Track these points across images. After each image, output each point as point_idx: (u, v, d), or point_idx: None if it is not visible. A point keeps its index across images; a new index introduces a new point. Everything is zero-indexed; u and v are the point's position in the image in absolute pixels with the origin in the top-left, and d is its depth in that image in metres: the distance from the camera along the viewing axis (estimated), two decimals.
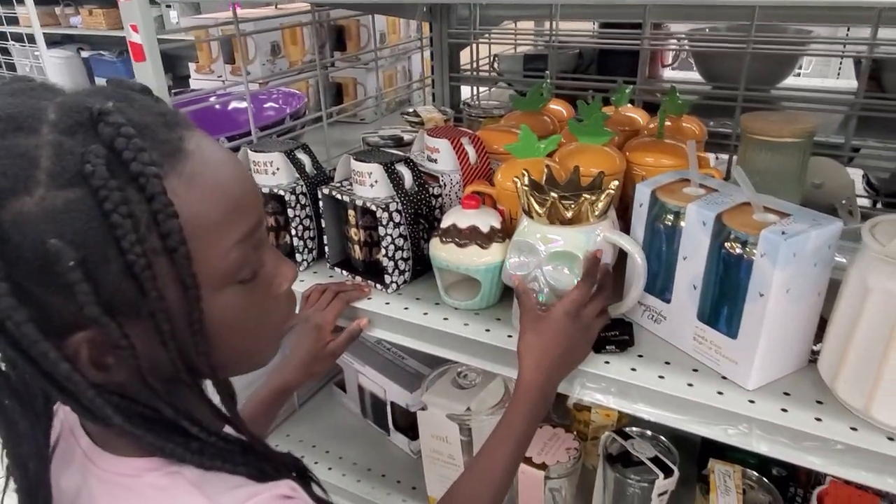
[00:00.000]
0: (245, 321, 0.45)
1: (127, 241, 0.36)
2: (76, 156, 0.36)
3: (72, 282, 0.36)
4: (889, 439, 0.56)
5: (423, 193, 0.82)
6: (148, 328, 0.39)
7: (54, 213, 0.35)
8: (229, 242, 0.42)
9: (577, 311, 0.65)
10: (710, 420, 0.62)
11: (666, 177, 0.71)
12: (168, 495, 0.44)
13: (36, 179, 0.35)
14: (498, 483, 0.64)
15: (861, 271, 0.55)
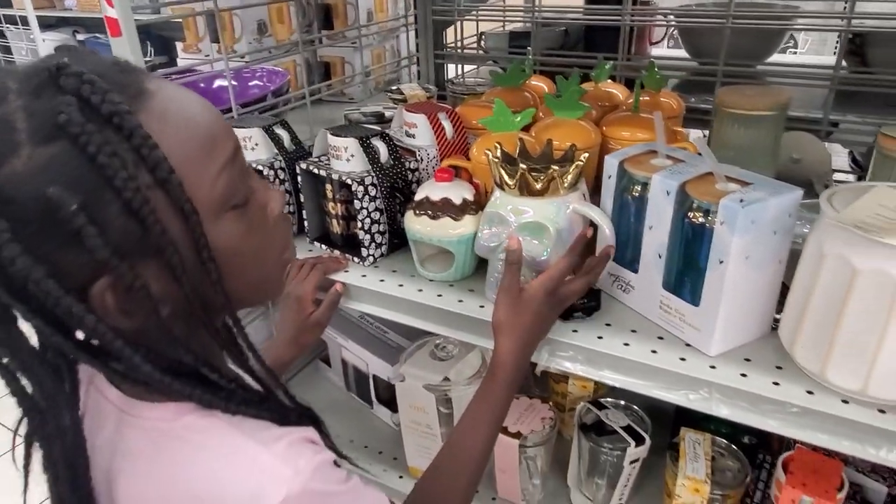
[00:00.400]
0: (247, 247, 0.47)
1: (119, 180, 0.38)
2: (48, 111, 0.37)
3: (78, 227, 0.37)
4: (844, 402, 0.57)
5: (399, 167, 0.83)
6: (160, 266, 0.41)
7: (44, 167, 0.37)
8: (215, 169, 0.44)
9: (556, 289, 0.65)
10: (673, 385, 0.63)
11: (634, 149, 0.71)
12: (207, 435, 0.46)
13: (17, 141, 0.37)
14: (478, 455, 0.65)
15: (818, 238, 0.56)
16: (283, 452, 0.45)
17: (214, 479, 0.45)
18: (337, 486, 0.48)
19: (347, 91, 1.56)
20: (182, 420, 0.46)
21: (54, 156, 0.37)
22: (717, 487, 0.78)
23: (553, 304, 0.65)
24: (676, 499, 0.79)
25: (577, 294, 0.67)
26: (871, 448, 0.56)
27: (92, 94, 0.38)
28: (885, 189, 0.55)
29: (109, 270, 0.40)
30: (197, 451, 0.46)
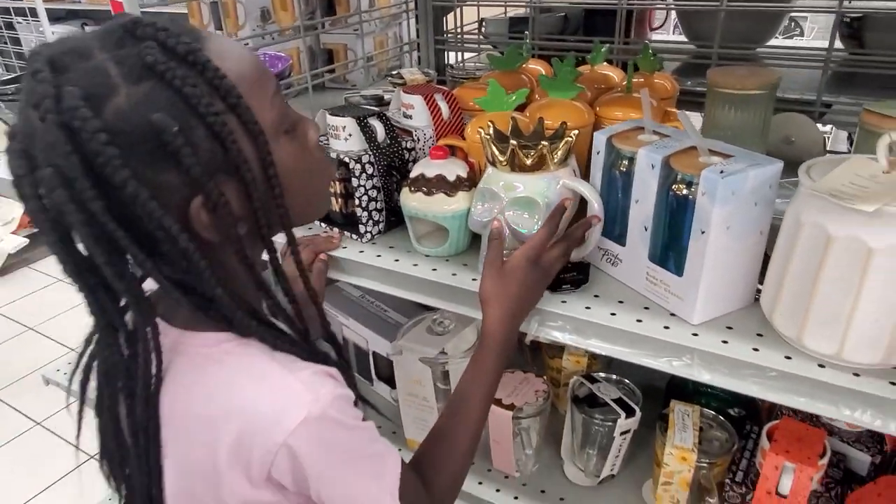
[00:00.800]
0: (299, 168, 0.55)
1: (202, 107, 0.45)
2: (134, 56, 0.45)
3: (177, 147, 0.44)
4: (820, 366, 0.59)
5: (396, 146, 0.86)
6: (237, 184, 0.49)
7: (142, 101, 0.44)
8: (268, 96, 0.51)
9: (537, 257, 0.67)
10: (657, 353, 0.65)
11: (622, 125, 0.73)
12: (243, 359, 0.53)
13: (115, 84, 0.44)
14: (473, 422, 0.68)
15: (796, 208, 0.58)
16: (307, 379, 0.51)
17: (245, 397, 0.51)
18: (353, 420, 0.54)
19: (350, 77, 1.58)
20: (221, 346, 0.53)
21: (147, 91, 0.45)
22: (705, 456, 0.81)
23: (537, 272, 0.67)
24: (665, 467, 0.81)
25: (558, 259, 0.69)
26: (846, 410, 0.58)
27: (168, 39, 0.45)
28: (861, 159, 0.57)
29: (200, 189, 0.47)
30: (232, 373, 0.52)
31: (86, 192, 0.43)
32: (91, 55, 0.45)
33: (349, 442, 0.54)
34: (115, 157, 0.43)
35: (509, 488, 0.94)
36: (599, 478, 0.91)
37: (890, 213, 0.51)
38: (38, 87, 0.43)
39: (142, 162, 0.45)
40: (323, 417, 0.50)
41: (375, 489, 0.55)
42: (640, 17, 1.58)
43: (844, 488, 0.76)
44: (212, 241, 0.50)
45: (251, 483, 0.51)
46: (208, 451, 0.51)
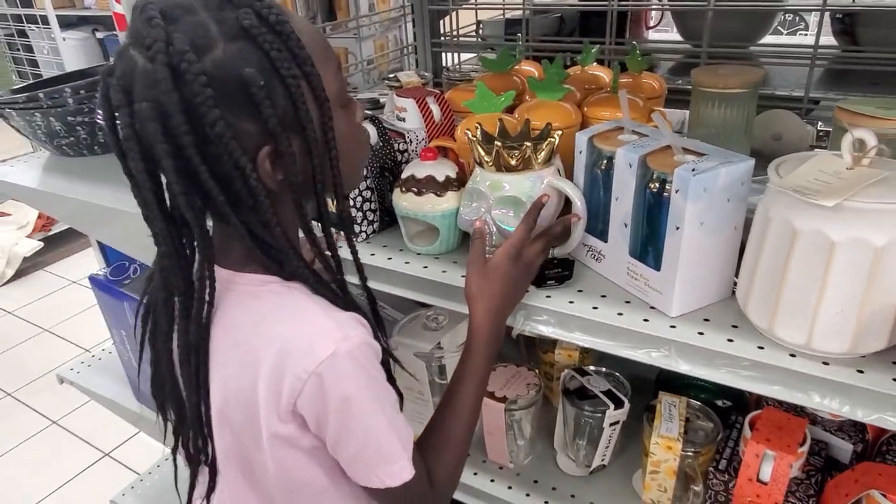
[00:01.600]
0: (350, 138, 0.61)
1: (284, 69, 0.52)
2: (231, 19, 0.51)
3: (260, 99, 0.51)
4: (791, 356, 0.62)
5: (388, 148, 0.89)
6: (301, 142, 0.55)
7: (236, 56, 0.51)
8: (333, 70, 0.58)
9: (518, 253, 0.70)
10: (637, 344, 0.68)
11: (604, 126, 0.76)
12: (285, 297, 0.59)
13: (214, 38, 0.51)
14: (465, 417, 0.70)
15: (766, 204, 0.61)
16: (340, 320, 0.57)
17: (283, 328, 0.57)
18: (374, 369, 0.59)
19: (351, 81, 1.62)
20: (267, 286, 0.59)
21: (241, 49, 0.51)
22: (690, 446, 0.83)
23: (518, 267, 0.70)
24: (652, 456, 0.84)
25: (538, 254, 0.72)
26: (817, 397, 0.60)
27: (262, 9, 0.52)
28: (826, 156, 0.60)
29: (271, 139, 0.53)
30: (274, 307, 0.59)
31: (180, 127, 0.50)
32: (196, 12, 0.51)
33: (372, 389, 0.58)
34: (210, 98, 0.49)
35: (503, 478, 0.96)
36: (591, 468, 0.93)
37: (850, 207, 0.53)
38: (153, 31, 0.49)
39: (229, 107, 0.51)
40: (349, 356, 0.55)
41: (398, 445, 0.59)
42: (636, 17, 1.60)
43: (825, 475, 0.78)
44: (272, 189, 0.56)
45: (279, 417, 0.57)
46: (250, 378, 0.57)
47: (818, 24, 1.08)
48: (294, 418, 0.58)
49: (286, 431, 0.58)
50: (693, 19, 1.42)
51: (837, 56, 1.28)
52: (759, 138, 1.01)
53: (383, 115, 1.00)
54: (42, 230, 3.42)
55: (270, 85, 0.52)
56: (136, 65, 0.51)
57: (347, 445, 0.59)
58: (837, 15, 1.32)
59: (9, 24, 3.55)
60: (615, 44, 1.33)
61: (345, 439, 0.58)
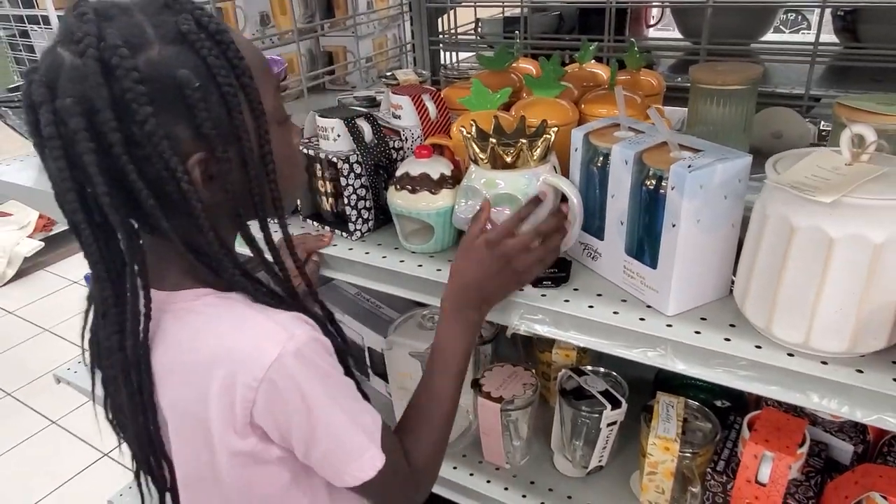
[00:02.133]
0: (285, 157, 0.60)
1: (221, 77, 0.51)
2: (170, 23, 0.51)
3: (195, 102, 0.50)
4: (789, 355, 0.60)
5: (383, 146, 0.88)
6: (236, 153, 0.54)
7: (172, 58, 0.50)
8: (272, 87, 0.58)
9: (497, 241, 0.68)
10: (633, 344, 0.67)
11: (599, 122, 0.75)
12: (222, 308, 0.57)
13: (150, 40, 0.50)
14: (440, 399, 0.69)
15: (763, 201, 0.60)
16: (283, 321, 0.55)
17: (225, 340, 0.55)
18: (326, 365, 0.57)
19: (350, 79, 1.61)
20: (202, 299, 0.57)
21: (178, 52, 0.50)
22: (688, 446, 0.82)
23: (496, 256, 0.68)
24: (649, 457, 0.83)
25: (519, 246, 0.68)
26: (815, 397, 0.59)
27: (202, 17, 0.52)
28: (825, 152, 0.59)
29: (205, 146, 0.52)
30: (212, 320, 0.57)
31: (108, 123, 0.48)
32: (133, 14, 0.50)
33: (326, 384, 0.56)
34: (143, 95, 0.48)
35: (499, 480, 0.95)
36: (588, 469, 0.92)
37: (849, 203, 0.52)
38: (84, 26, 0.48)
39: (162, 108, 0.49)
40: (297, 354, 0.53)
41: (362, 437, 0.58)
42: (636, 16, 1.59)
43: (825, 477, 0.77)
44: (204, 197, 0.54)
45: (236, 431, 0.55)
46: (198, 398, 0.55)
47: (818, 20, 1.07)
48: (254, 431, 0.56)
49: (247, 447, 0.56)
50: (693, 16, 1.41)
51: (839, 53, 1.27)
52: (758, 136, 1.00)
53: (379, 112, 0.99)
54: (43, 230, 3.42)
55: (206, 90, 0.51)
56: (62, 61, 0.49)
57: (316, 448, 0.57)
58: (839, 12, 1.31)
59: (10, 25, 3.55)
60: (614, 41, 1.32)
61: (312, 442, 0.56)
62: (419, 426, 0.68)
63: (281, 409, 0.54)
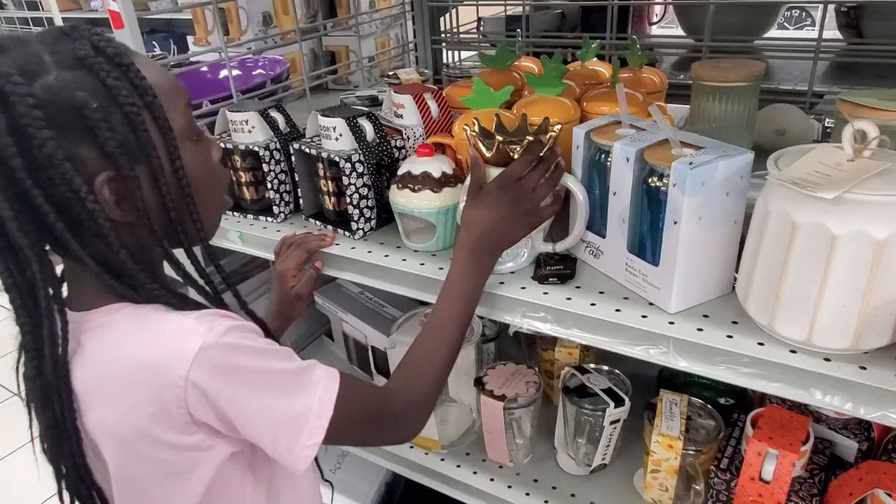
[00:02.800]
0: (201, 174, 0.59)
1: (122, 97, 0.52)
2: (67, 50, 0.51)
3: (95, 122, 0.50)
4: (792, 352, 0.60)
5: (385, 145, 0.88)
6: (146, 171, 0.54)
7: (70, 83, 0.50)
8: (180, 105, 0.57)
9: (509, 183, 0.69)
10: (635, 341, 0.67)
11: (601, 120, 0.75)
12: (137, 319, 0.56)
13: (47, 66, 0.50)
14: (441, 335, 0.69)
15: (765, 197, 0.59)
16: (200, 317, 0.54)
17: (145, 346, 0.53)
18: (259, 343, 0.55)
19: (353, 79, 1.61)
20: (117, 314, 0.56)
21: (76, 77, 0.50)
22: (691, 444, 0.82)
23: (510, 197, 0.68)
24: (652, 455, 0.83)
25: (531, 184, 0.69)
26: (818, 394, 0.59)
27: (100, 42, 0.53)
28: (827, 148, 0.58)
29: (111, 165, 0.52)
30: (129, 332, 0.55)
31: (7, 149, 0.48)
32: (29, 44, 0.50)
33: (257, 362, 0.54)
34: (39, 120, 0.48)
35: (503, 478, 0.95)
36: (591, 467, 0.92)
37: (851, 199, 0.52)
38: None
39: (62, 131, 0.49)
40: (220, 344, 0.52)
41: (299, 402, 0.55)
42: (639, 13, 1.59)
43: (829, 474, 0.77)
44: (116, 216, 0.53)
45: (178, 431, 0.53)
46: (130, 408, 0.53)
47: (821, 16, 1.06)
48: (198, 429, 0.54)
49: (194, 442, 0.54)
50: (696, 13, 1.41)
51: (843, 49, 1.26)
52: (761, 133, 1.00)
53: (381, 111, 0.99)
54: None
55: (107, 110, 0.51)
56: None
57: (262, 430, 0.55)
58: (843, 8, 1.31)
59: (15, 27, 3.57)
60: (616, 39, 1.32)
61: (255, 425, 0.55)
62: (417, 364, 0.68)
63: (216, 401, 0.52)
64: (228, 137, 0.95)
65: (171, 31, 2.73)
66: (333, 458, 1.29)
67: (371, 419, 0.63)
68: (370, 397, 0.64)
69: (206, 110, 1.11)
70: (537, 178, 0.70)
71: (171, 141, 0.55)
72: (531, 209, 0.70)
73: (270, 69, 1.41)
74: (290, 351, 0.58)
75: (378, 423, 0.64)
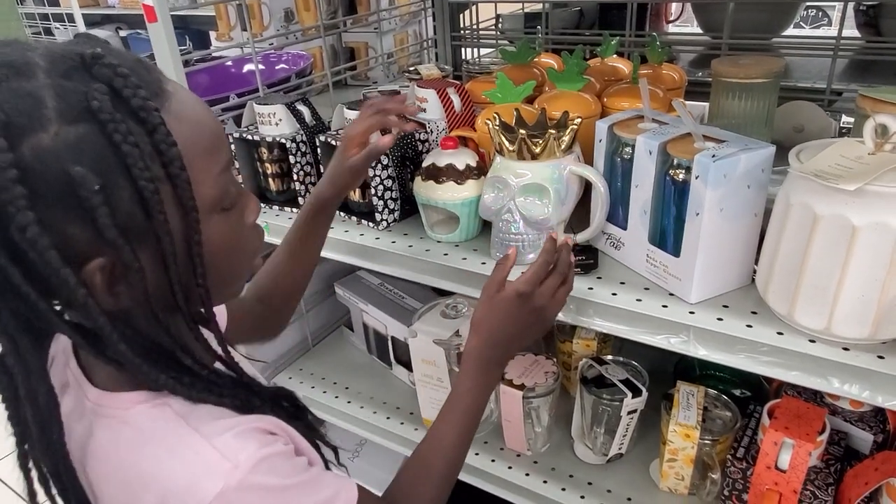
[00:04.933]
0: (227, 248, 0.50)
1: (136, 169, 0.40)
2: (79, 94, 0.39)
3: (94, 206, 0.39)
4: (811, 341, 0.62)
5: (409, 138, 0.90)
6: (153, 254, 0.44)
7: (70, 145, 0.39)
8: (216, 171, 0.47)
9: (530, 291, 0.65)
10: (655, 330, 0.69)
11: (623, 114, 0.76)
12: (156, 425, 0.48)
13: (47, 117, 0.39)
14: (447, 449, 0.65)
15: (786, 190, 0.61)
16: (226, 444, 0.46)
17: (157, 468, 0.46)
18: (283, 479, 0.48)
19: (371, 74, 1.63)
20: (135, 408, 0.48)
21: (81, 136, 0.39)
22: (708, 434, 0.83)
23: (527, 307, 0.65)
24: (669, 444, 0.84)
25: (551, 290, 0.66)
26: (836, 382, 0.61)
27: (124, 88, 0.41)
28: (849, 142, 0.60)
29: (109, 251, 0.42)
30: (145, 440, 0.48)
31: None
32: (33, 75, 0.40)
33: (284, 499, 0.48)
34: (22, 198, 0.38)
35: (520, 466, 0.97)
36: (608, 456, 0.94)
37: (872, 191, 0.53)
38: None
39: (50, 208, 0.39)
40: (244, 487, 0.45)
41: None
42: (656, 11, 1.60)
43: (845, 465, 0.78)
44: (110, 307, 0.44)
45: None
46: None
47: (841, 13, 1.07)
48: None
49: None
50: (714, 12, 1.42)
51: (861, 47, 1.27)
52: (779, 130, 1.00)
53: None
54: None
55: (113, 186, 0.40)
56: None
57: None
58: (861, 6, 1.31)
59: (36, 23, 3.62)
60: (635, 36, 1.33)
61: None
62: (420, 483, 0.64)
63: None
64: (255, 129, 0.98)
65: (187, 27, 2.76)
66: (351, 445, 1.31)
67: None
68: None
69: (232, 103, 1.14)
70: (557, 282, 0.66)
71: (192, 222, 0.45)
72: (548, 317, 0.67)
73: (293, 64, 1.44)
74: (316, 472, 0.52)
75: None
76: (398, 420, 1.09)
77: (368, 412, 1.12)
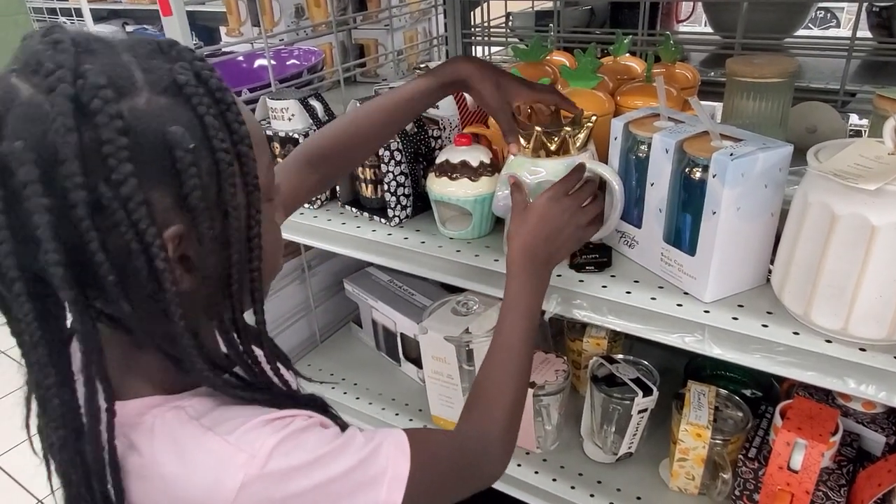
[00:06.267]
0: (270, 238, 0.51)
1: (217, 140, 0.43)
2: (164, 70, 0.42)
3: (185, 166, 0.41)
4: (827, 341, 0.62)
5: (422, 134, 0.90)
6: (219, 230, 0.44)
7: (162, 111, 0.41)
8: (266, 160, 0.50)
9: (559, 196, 0.69)
10: (670, 329, 0.69)
11: (639, 112, 0.76)
12: (171, 428, 0.47)
13: (138, 86, 0.41)
14: (515, 355, 0.66)
15: (804, 189, 0.61)
16: (239, 439, 0.46)
17: (178, 471, 0.46)
18: (310, 452, 0.47)
19: (381, 71, 1.63)
20: (150, 413, 0.47)
21: (171, 105, 0.41)
22: (719, 434, 0.83)
23: (560, 209, 0.69)
24: (680, 444, 0.84)
25: (580, 200, 0.70)
26: (852, 382, 0.60)
27: (203, 69, 0.44)
28: (868, 142, 0.59)
29: (187, 219, 0.43)
30: (163, 445, 0.46)
31: (72, 178, 0.38)
32: (118, 52, 0.41)
33: (313, 477, 0.47)
34: (124, 149, 0.39)
35: (530, 463, 0.97)
36: (617, 455, 0.94)
37: (892, 191, 0.53)
38: (58, 56, 0.38)
39: (142, 167, 0.40)
40: (265, 475, 0.44)
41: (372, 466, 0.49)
42: (667, 10, 1.59)
43: (857, 466, 0.78)
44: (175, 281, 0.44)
45: None
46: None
47: (856, 14, 1.06)
48: None
49: None
50: (725, 11, 1.41)
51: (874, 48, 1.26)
52: (792, 130, 1.00)
53: None
54: None
55: (198, 153, 0.42)
56: (17, 95, 0.39)
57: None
58: (874, 7, 1.30)
59: (44, 17, 3.63)
60: (647, 35, 1.33)
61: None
62: (489, 396, 0.64)
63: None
64: (268, 125, 0.98)
65: (194, 23, 2.77)
66: None
67: (449, 478, 0.57)
68: (444, 454, 0.57)
69: (245, 98, 1.14)
70: (586, 195, 0.71)
71: (255, 201, 0.46)
72: (580, 224, 0.70)
73: (305, 60, 1.44)
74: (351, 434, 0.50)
75: (459, 475, 0.59)
76: (406, 417, 1.09)
77: (377, 408, 1.12)
